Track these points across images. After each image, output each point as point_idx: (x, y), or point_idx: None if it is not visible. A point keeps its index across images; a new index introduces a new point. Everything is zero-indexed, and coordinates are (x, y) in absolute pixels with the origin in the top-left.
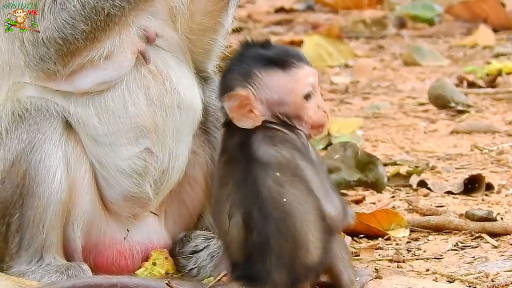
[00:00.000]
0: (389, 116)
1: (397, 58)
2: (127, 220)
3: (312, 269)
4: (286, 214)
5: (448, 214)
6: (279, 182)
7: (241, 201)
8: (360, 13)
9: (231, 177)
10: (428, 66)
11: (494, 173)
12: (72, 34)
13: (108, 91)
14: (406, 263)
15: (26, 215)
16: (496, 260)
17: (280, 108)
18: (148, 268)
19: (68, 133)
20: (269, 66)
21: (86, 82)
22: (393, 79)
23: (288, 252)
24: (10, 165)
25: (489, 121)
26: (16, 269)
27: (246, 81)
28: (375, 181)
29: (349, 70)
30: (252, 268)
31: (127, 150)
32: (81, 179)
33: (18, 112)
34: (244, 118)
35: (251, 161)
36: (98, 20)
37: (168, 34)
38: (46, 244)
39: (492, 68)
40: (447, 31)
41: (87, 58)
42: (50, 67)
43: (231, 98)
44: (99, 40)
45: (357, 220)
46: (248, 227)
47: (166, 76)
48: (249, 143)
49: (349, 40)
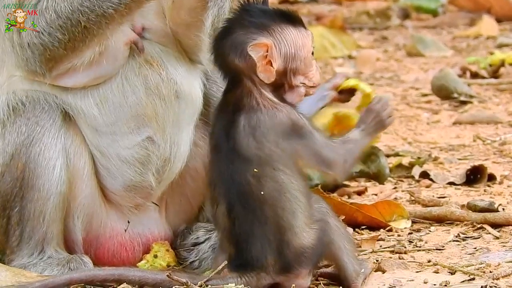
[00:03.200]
0: (392, 107)
1: (400, 49)
2: (129, 211)
3: (305, 253)
4: (265, 205)
5: (450, 205)
6: (257, 176)
7: (224, 192)
8: (363, 4)
9: (216, 165)
10: (431, 56)
11: (496, 163)
12: (50, 41)
13: (106, 83)
14: (407, 254)
15: (26, 208)
16: (498, 251)
17: (292, 63)
18: (150, 261)
19: (67, 125)
20: (282, 21)
21: (81, 79)
22: (396, 70)
23: (272, 237)
24: (10, 158)
25: (492, 111)
26: (17, 262)
27: (267, 31)
28: (377, 172)
29: (352, 61)
30: (242, 258)
31: (129, 139)
32: (81, 171)
33: (14, 105)
34: (264, 71)
35: (233, 153)
36: (75, 32)
37: (158, 27)
38: (47, 237)
39: (495, 58)
40: (451, 21)
41: (69, 64)
42: (36, 69)
43: (257, 47)
44: (79, 50)
45: (358, 212)
46: (230, 217)
47: (162, 65)
48: (232, 132)
49: (353, 31)
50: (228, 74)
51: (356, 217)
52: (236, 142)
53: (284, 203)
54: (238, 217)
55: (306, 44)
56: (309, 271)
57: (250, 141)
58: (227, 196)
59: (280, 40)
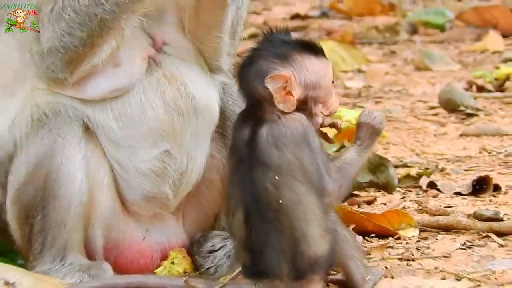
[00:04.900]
0: (401, 120)
1: (408, 63)
2: (147, 221)
3: (317, 262)
4: (282, 214)
5: (456, 214)
6: (277, 185)
7: (242, 200)
8: (373, 19)
9: (237, 174)
10: (438, 71)
11: (501, 174)
12: (71, 41)
13: (125, 96)
14: (415, 261)
15: (48, 216)
16: (503, 259)
17: (313, 91)
18: (167, 267)
19: (87, 136)
20: (304, 51)
21: (98, 90)
22: (405, 83)
23: (287, 247)
24: (32, 169)
25: (498, 124)
26: (40, 268)
27: (287, 62)
28: (386, 183)
29: (362, 75)
30: (257, 266)
31: (146, 153)
32: (101, 182)
33: (37, 117)
34: (283, 101)
35: (255, 162)
36: (92, 26)
37: (177, 41)
38: (68, 244)
39: (501, 72)
40: (458, 36)
41: (89, 64)
42: (57, 76)
43: (275, 79)
44: (97, 45)
45: (368, 220)
46: (247, 226)
47: (181, 81)
48: (255, 142)
49: (362, 46)
50: (251, 99)
51: (366, 226)
52: (258, 151)
53: (299, 213)
54: (255, 226)
55: (327, 73)
56: (321, 278)
57: (272, 150)
58: (245, 205)
59: (301, 70)
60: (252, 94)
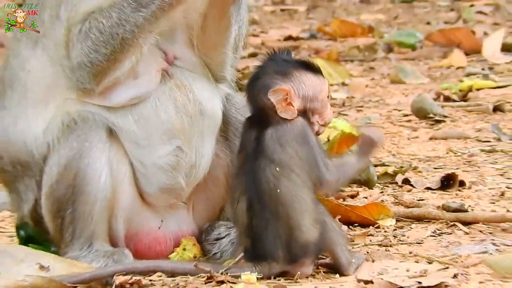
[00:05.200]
0: (379, 125)
1: (385, 77)
2: (163, 211)
3: (309, 247)
4: (280, 203)
5: (427, 206)
6: (277, 176)
7: (246, 189)
8: (354, 40)
9: (243, 167)
10: (411, 84)
11: (466, 172)
12: (96, 57)
13: (142, 103)
14: (392, 247)
15: (77, 210)
16: (468, 244)
17: (311, 103)
18: (179, 253)
19: (111, 140)
20: (303, 68)
21: (121, 99)
22: (382, 95)
23: (284, 234)
24: (63, 169)
25: (462, 129)
26: (70, 254)
27: (287, 78)
28: (367, 179)
29: (345, 87)
30: (257, 250)
31: (162, 150)
32: (122, 179)
33: (67, 123)
34: (284, 110)
35: (260, 156)
36: (115, 44)
37: (186, 56)
38: (95, 234)
39: (464, 85)
40: (427, 54)
41: (113, 77)
42: (85, 86)
43: (277, 92)
44: (119, 61)
45: (352, 212)
46: (249, 213)
47: (189, 89)
48: (261, 139)
49: (346, 63)
50: (257, 108)
51: (350, 217)
52: (263, 147)
53: (295, 204)
54: (256, 214)
55: (323, 89)
56: (311, 261)
57: (276, 146)
58: (248, 193)
59: (299, 84)
60: (258, 104)
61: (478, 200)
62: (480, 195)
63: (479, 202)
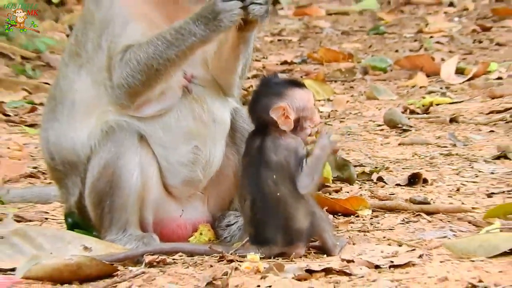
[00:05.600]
0: (357, 134)
1: (362, 95)
2: (183, 202)
3: (302, 233)
4: (279, 202)
5: (397, 199)
6: (275, 181)
7: (250, 191)
8: (337, 64)
9: (248, 172)
10: (383, 100)
11: (428, 171)
12: (133, 81)
13: (167, 113)
14: (369, 233)
15: (115, 202)
16: (430, 230)
17: (303, 113)
18: (197, 237)
19: (141, 144)
20: (292, 86)
21: (151, 110)
22: (360, 108)
23: (281, 223)
24: (102, 168)
25: (424, 136)
26: (108, 238)
27: (282, 97)
28: (348, 177)
29: (330, 103)
30: (260, 236)
31: (183, 149)
32: (151, 176)
33: (106, 130)
34: (284, 123)
35: (262, 163)
36: (149, 73)
37: (202, 75)
38: (128, 221)
39: (426, 101)
40: (396, 76)
41: (145, 97)
42: (123, 103)
43: (276, 110)
44: (153, 86)
45: (336, 204)
46: (253, 209)
47: (204, 102)
48: (262, 149)
49: (330, 83)
50: (260, 124)
51: (335, 208)
52: (264, 155)
53: (291, 202)
54: (259, 210)
55: (310, 99)
56: (304, 244)
57: (272, 155)
58: (253, 194)
59: (292, 100)
60: (261, 121)
61: (438, 195)
62: (440, 190)
63: (439, 196)
